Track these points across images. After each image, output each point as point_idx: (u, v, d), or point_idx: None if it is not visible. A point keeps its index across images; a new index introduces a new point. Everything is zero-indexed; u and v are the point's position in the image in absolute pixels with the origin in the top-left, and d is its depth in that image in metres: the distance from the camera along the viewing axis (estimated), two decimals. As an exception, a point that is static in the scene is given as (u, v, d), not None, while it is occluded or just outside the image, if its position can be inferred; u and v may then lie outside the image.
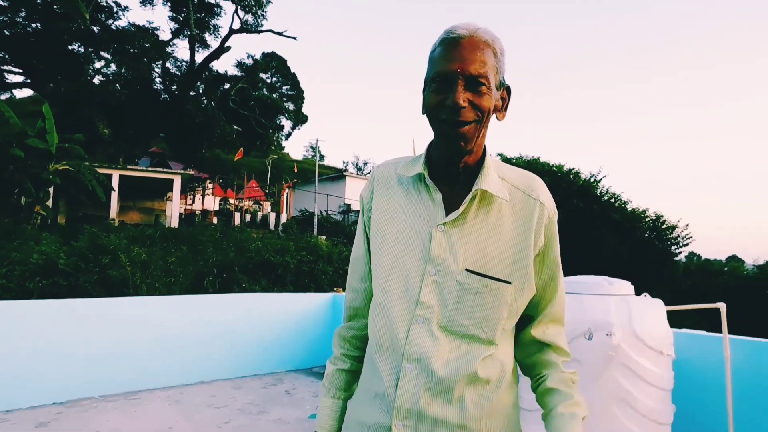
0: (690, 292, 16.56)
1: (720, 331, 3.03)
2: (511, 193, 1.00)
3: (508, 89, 1.02)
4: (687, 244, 17.34)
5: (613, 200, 17.29)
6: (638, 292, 2.94)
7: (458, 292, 0.95)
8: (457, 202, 0.98)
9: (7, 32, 22.95)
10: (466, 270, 0.95)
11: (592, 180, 17.49)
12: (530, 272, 0.98)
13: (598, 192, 17.27)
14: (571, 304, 2.68)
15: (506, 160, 19.14)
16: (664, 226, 17.23)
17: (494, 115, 0.99)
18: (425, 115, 1.00)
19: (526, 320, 1.05)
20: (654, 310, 2.70)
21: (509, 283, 0.96)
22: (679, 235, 17.19)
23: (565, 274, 3.37)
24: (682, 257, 19.54)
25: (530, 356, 1.07)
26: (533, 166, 17.78)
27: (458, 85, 0.92)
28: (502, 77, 0.98)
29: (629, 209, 17.34)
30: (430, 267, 0.96)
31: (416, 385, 0.94)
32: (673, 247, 17.30)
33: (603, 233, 15.76)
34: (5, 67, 24.47)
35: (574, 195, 16.29)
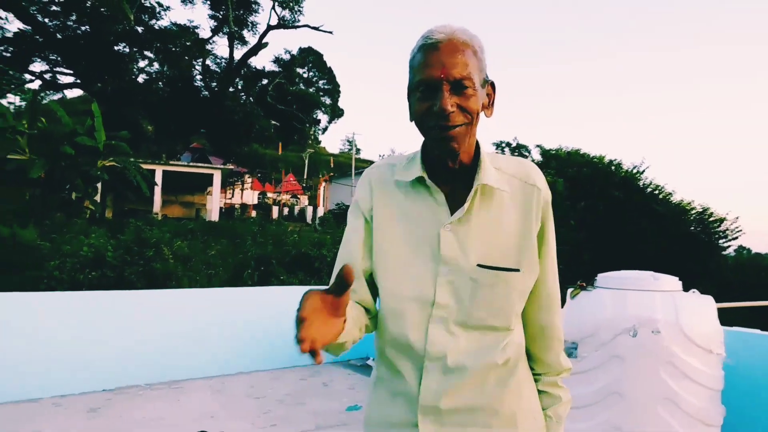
0: (739, 288, 15.82)
1: (775, 329, 2.88)
2: (510, 183, 1.01)
3: (492, 85, 1.02)
4: (736, 238, 16.54)
5: (656, 192, 16.66)
6: (684, 287, 2.82)
7: (473, 288, 0.96)
8: (460, 200, 0.98)
9: (59, 35, 23.97)
10: (478, 265, 0.96)
11: (634, 171, 16.90)
12: (535, 255, 1.01)
13: (641, 183, 16.68)
14: (614, 300, 2.60)
15: (546, 152, 18.73)
16: (711, 219, 16.49)
17: (483, 112, 1.00)
18: (413, 122, 1.00)
19: None
20: (703, 307, 2.59)
21: (518, 270, 0.98)
22: (727, 228, 16.41)
23: (605, 269, 3.27)
24: (730, 251, 18.68)
25: (526, 338, 1.09)
26: (573, 157, 17.33)
27: (443, 90, 0.91)
28: (485, 74, 0.99)
29: (673, 201, 16.68)
30: (442, 267, 0.97)
31: (440, 383, 0.97)
32: (720, 241, 16.55)
33: (645, 226, 15.23)
34: (57, 69, 25.60)
35: (615, 186, 15.78)
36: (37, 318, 4.35)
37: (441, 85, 0.92)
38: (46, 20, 23.66)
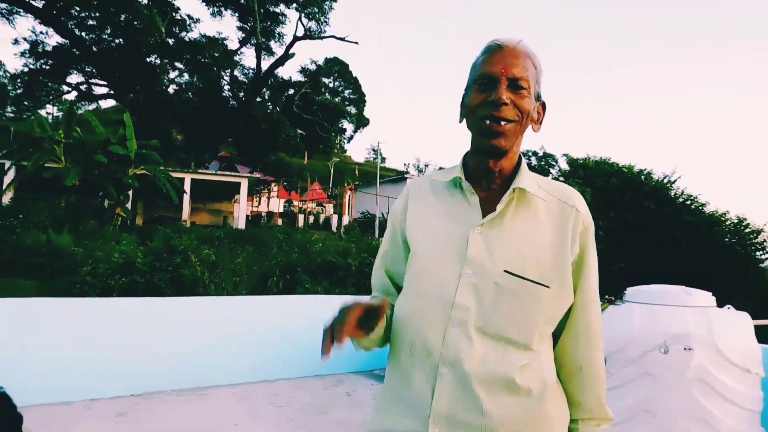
0: (778, 303, 15.22)
1: (816, 348, 2.76)
2: (547, 198, 1.00)
3: (543, 105, 1.05)
4: (775, 250, 15.97)
5: (688, 202, 16.21)
6: (718, 302, 2.73)
7: (495, 293, 0.94)
8: (494, 204, 0.98)
9: (95, 48, 24.83)
10: (505, 271, 0.94)
11: (665, 181, 16.49)
12: (568, 279, 0.97)
13: (672, 194, 16.26)
14: (644, 316, 2.53)
15: (573, 161, 18.45)
16: (747, 230, 15.94)
17: (531, 125, 1.02)
18: (464, 119, 1.03)
19: (557, 332, 1.03)
20: (739, 323, 2.51)
21: (547, 287, 0.94)
22: (765, 240, 15.86)
23: (636, 283, 3.19)
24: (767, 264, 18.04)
25: (564, 376, 1.03)
26: (601, 166, 17.02)
27: (501, 83, 0.95)
28: (539, 90, 1.02)
29: (707, 212, 16.19)
30: (467, 269, 0.96)
31: (455, 389, 0.93)
32: (758, 253, 15.98)
33: (677, 238, 14.81)
34: (92, 81, 26.50)
35: (645, 197, 15.43)
36: (70, 323, 4.47)
37: (500, 79, 0.96)
38: (83, 34, 24.55)
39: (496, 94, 0.95)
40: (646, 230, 14.81)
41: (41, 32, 24.36)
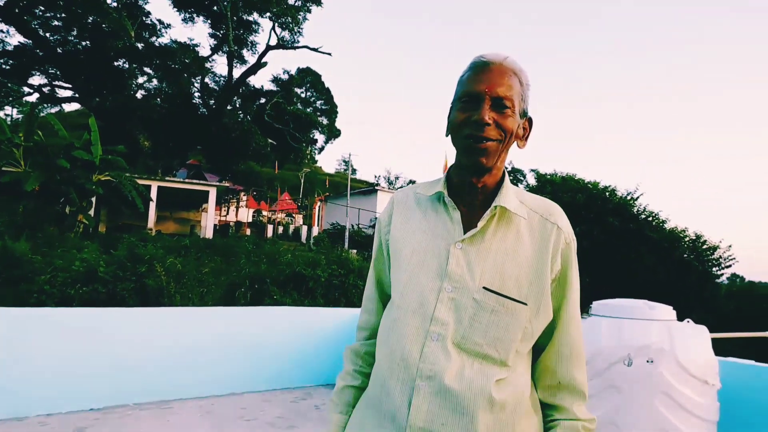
0: (734, 317, 15.84)
1: (769, 361, 2.89)
2: (530, 215, 1.01)
3: (530, 120, 1.05)
4: (729, 266, 16.65)
5: (650, 219, 16.78)
6: (679, 316, 2.83)
7: (474, 309, 0.95)
8: (476, 221, 0.99)
9: (59, 50, 24.13)
10: (484, 288, 0.95)
11: (628, 198, 17.04)
12: (547, 296, 0.97)
13: (635, 210, 16.81)
14: (609, 329, 2.60)
15: (541, 176, 18.87)
16: (705, 247, 16.60)
17: (515, 142, 1.02)
18: (449, 135, 1.04)
19: (539, 349, 1.04)
20: (698, 336, 2.60)
21: (525, 304, 0.95)
22: (720, 256, 16.52)
23: (601, 296, 3.28)
24: (723, 279, 18.77)
25: (543, 391, 1.04)
26: (568, 182, 17.48)
27: (485, 103, 0.96)
28: (525, 107, 1.02)
29: (667, 228, 16.79)
30: (446, 284, 0.97)
31: (431, 403, 0.93)
32: (714, 269, 16.63)
33: (640, 253, 15.29)
34: (56, 83, 25.70)
35: (609, 213, 15.90)
36: (24, 333, 4.28)
37: (483, 98, 0.97)
38: (47, 34, 23.83)
39: (479, 114, 0.96)
40: (611, 246, 15.23)
41: (1, 30, 23.53)
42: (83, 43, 24.48)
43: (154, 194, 19.68)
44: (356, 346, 1.18)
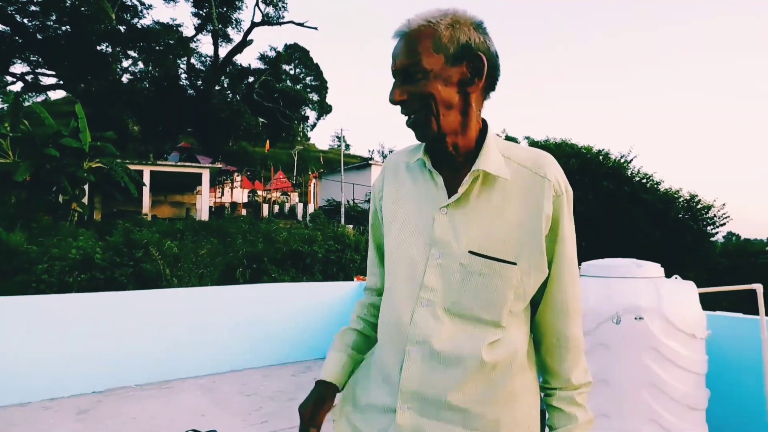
0: (728, 274, 16.02)
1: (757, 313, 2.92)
2: (518, 171, 0.96)
3: (478, 57, 0.92)
4: (724, 224, 16.75)
5: (644, 181, 16.80)
6: (672, 274, 2.86)
7: (462, 274, 0.94)
8: (459, 184, 0.97)
9: (39, 36, 23.59)
10: (470, 252, 0.93)
11: (622, 161, 17.02)
12: (540, 253, 0.94)
13: (629, 173, 16.81)
14: (598, 289, 2.63)
15: (534, 143, 18.79)
16: (699, 206, 16.67)
17: (467, 90, 0.93)
18: None
19: (535, 306, 1.02)
20: (685, 292, 2.63)
21: (515, 264, 0.93)
22: (715, 215, 16.62)
23: (597, 258, 3.28)
24: (719, 238, 18.92)
25: (542, 348, 1.04)
26: (561, 148, 17.41)
27: (396, 81, 0.95)
28: (455, 49, 0.91)
29: (662, 190, 16.83)
30: (434, 250, 0.96)
31: (421, 367, 0.95)
32: (708, 228, 16.74)
33: (635, 215, 15.35)
34: (39, 70, 25.22)
35: (604, 176, 15.90)
36: (26, 321, 4.31)
37: (395, 76, 0.96)
38: (25, 20, 23.26)
39: (391, 95, 0.95)
40: (606, 209, 15.27)
41: (-23, 19, 22.97)
42: (63, 28, 23.89)
43: (147, 179, 19.54)
44: (362, 299, 1.23)
